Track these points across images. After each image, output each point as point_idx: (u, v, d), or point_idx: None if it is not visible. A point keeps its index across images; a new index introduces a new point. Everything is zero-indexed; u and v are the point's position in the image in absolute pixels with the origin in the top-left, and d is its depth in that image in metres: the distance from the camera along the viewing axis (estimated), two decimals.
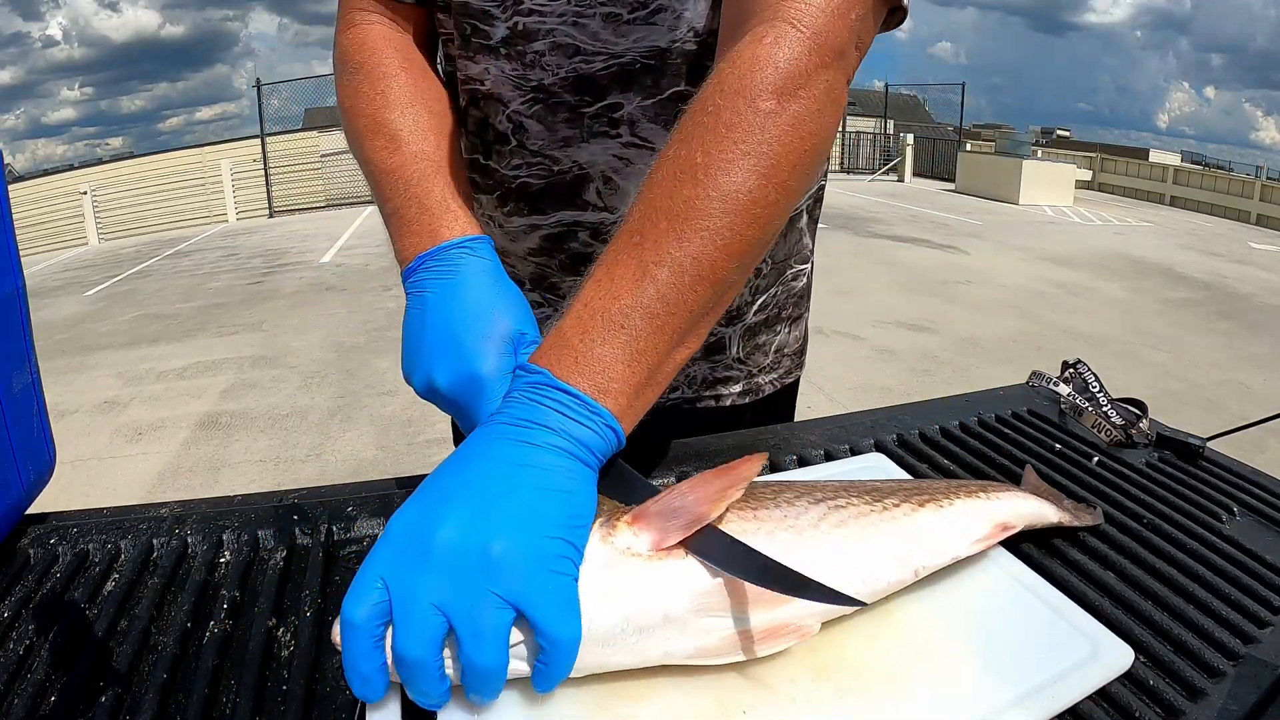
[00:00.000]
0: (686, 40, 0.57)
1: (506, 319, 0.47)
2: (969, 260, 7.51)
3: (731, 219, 0.41)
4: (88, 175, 12.25)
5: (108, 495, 2.99)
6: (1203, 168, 16.43)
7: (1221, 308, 6.27)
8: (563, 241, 0.66)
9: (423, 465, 3.12)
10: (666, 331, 0.40)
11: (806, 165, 0.43)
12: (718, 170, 0.41)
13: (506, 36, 0.59)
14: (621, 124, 0.60)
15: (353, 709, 0.39)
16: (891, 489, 0.47)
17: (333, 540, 0.53)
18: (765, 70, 0.42)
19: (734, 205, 0.41)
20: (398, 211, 0.53)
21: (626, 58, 0.58)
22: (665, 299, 0.40)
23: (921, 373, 4.29)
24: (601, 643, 0.36)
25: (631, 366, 0.39)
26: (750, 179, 0.41)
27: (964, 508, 0.48)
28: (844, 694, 0.38)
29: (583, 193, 0.63)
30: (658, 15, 0.57)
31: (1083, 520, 0.54)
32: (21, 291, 0.54)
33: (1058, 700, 0.38)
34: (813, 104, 0.43)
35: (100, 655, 0.42)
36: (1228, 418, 0.84)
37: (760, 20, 0.44)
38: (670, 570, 0.38)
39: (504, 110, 0.62)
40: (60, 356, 4.84)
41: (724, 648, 0.38)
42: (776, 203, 0.42)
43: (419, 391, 0.48)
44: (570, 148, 0.62)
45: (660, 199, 0.41)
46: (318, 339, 4.94)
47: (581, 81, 0.59)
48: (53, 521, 0.55)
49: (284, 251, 8.65)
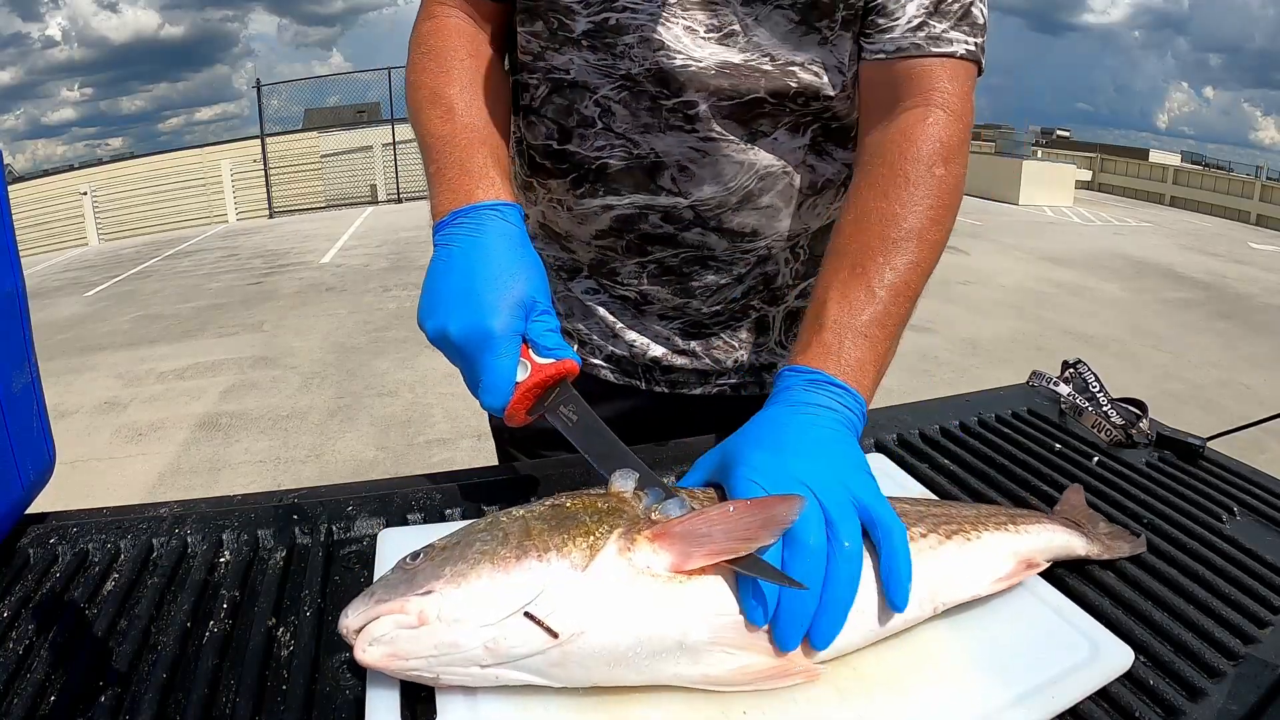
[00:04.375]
0: (763, 63, 0.63)
1: (523, 284, 0.51)
2: (969, 260, 7.51)
3: (921, 251, 0.56)
4: (88, 175, 12.26)
5: (108, 495, 2.99)
6: (1202, 168, 16.44)
7: (1221, 308, 6.28)
8: (635, 223, 0.69)
9: (423, 465, 3.12)
10: (893, 335, 0.54)
11: (957, 207, 0.60)
12: (911, 216, 0.56)
13: (590, 29, 0.63)
14: (697, 120, 0.64)
15: (353, 709, 0.39)
16: (920, 515, 0.46)
17: (333, 540, 0.53)
18: (934, 145, 0.58)
19: (922, 242, 0.56)
20: (440, 172, 0.58)
21: (705, 64, 0.62)
22: (889, 313, 0.54)
23: (921, 373, 4.29)
24: (612, 662, 0.36)
25: (875, 364, 0.53)
26: (930, 224, 0.56)
27: (990, 542, 0.46)
28: (844, 694, 0.38)
29: (658, 178, 0.67)
30: (729, 39, 0.62)
31: (1117, 551, 0.51)
32: (21, 291, 0.53)
33: (1058, 700, 0.38)
34: (962, 168, 0.60)
35: (100, 655, 0.42)
36: (1228, 418, 0.83)
37: (917, 104, 0.59)
38: (690, 597, 0.37)
39: (591, 96, 0.66)
40: (60, 357, 4.84)
41: (732, 678, 0.37)
42: (943, 239, 0.58)
43: (430, 337, 0.51)
44: (650, 134, 0.66)
45: (872, 239, 0.56)
46: (318, 339, 4.94)
47: (662, 75, 0.63)
48: (53, 521, 0.55)
49: (284, 252, 8.65)
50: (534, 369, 0.49)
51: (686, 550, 0.38)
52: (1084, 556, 0.50)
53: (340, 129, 13.49)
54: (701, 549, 0.38)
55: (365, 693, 0.37)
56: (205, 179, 12.46)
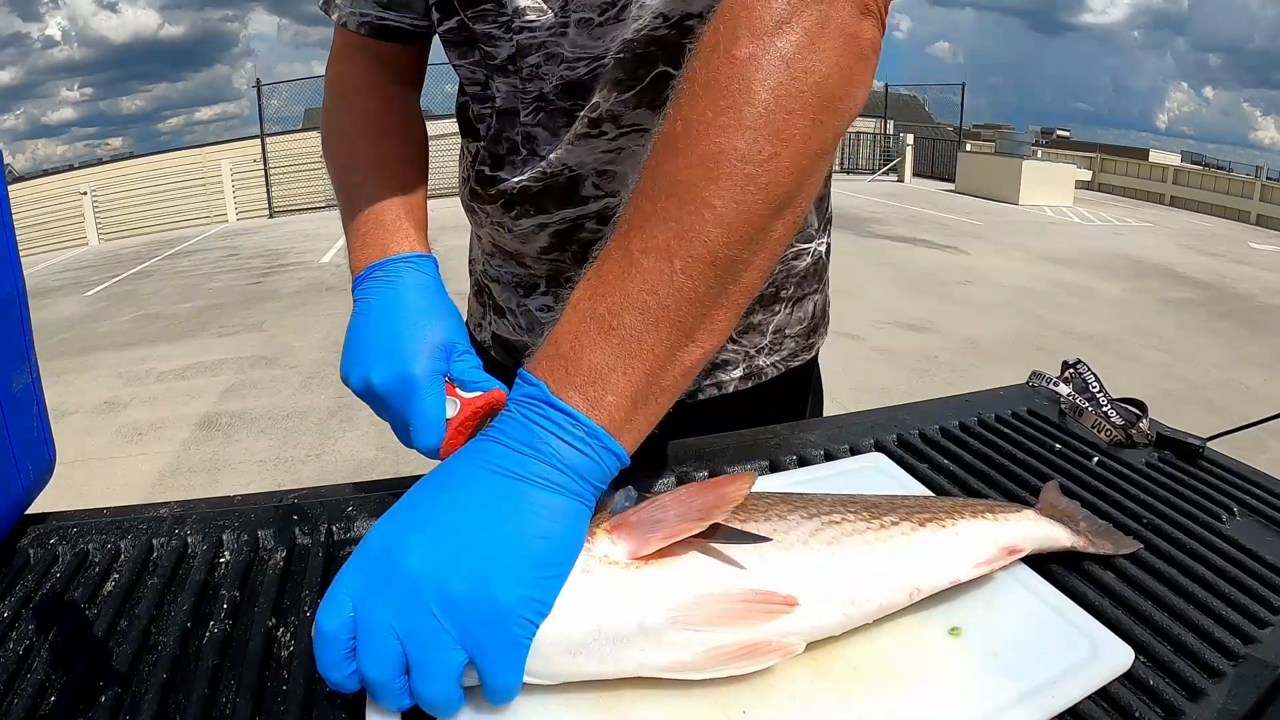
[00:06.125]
0: (658, 27, 0.57)
1: (440, 329, 0.51)
2: (969, 260, 7.51)
3: (721, 186, 0.36)
4: (88, 175, 12.25)
5: (108, 495, 2.99)
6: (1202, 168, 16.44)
7: (1221, 308, 6.27)
8: (572, 234, 0.68)
9: (422, 466, 3.09)
10: (663, 327, 0.36)
11: (811, 109, 0.37)
12: (697, 135, 0.36)
13: (511, 54, 0.62)
14: (603, 121, 0.61)
15: (353, 709, 0.39)
16: (893, 505, 0.46)
17: (333, 540, 0.53)
18: (739, 15, 0.37)
19: (722, 170, 0.36)
20: (356, 226, 0.58)
21: (605, 58, 0.59)
22: (655, 289, 0.36)
23: (921, 373, 4.29)
24: (573, 651, 0.36)
25: (627, 374, 0.36)
26: (736, 137, 0.36)
27: (968, 529, 0.46)
28: (844, 694, 0.38)
29: (579, 189, 0.65)
30: (625, 11, 0.57)
31: (1101, 547, 0.51)
32: (21, 291, 0.53)
33: (1058, 700, 0.38)
34: (802, 37, 0.37)
35: (100, 655, 0.42)
36: (1228, 418, 0.83)
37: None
38: (646, 580, 0.37)
39: (516, 122, 0.64)
40: (60, 356, 4.84)
41: (700, 663, 0.36)
42: (777, 156, 0.36)
43: (355, 390, 0.51)
44: (559, 149, 0.63)
45: (644, 181, 0.38)
46: (318, 339, 4.94)
47: (569, 87, 0.61)
48: (53, 521, 0.55)
49: (284, 251, 8.65)
50: (463, 404, 0.49)
51: (643, 537, 0.38)
52: (1069, 548, 0.50)
53: None
54: (657, 533, 0.38)
55: (365, 693, 0.37)
56: (205, 179, 12.46)
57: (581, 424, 0.36)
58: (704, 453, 0.63)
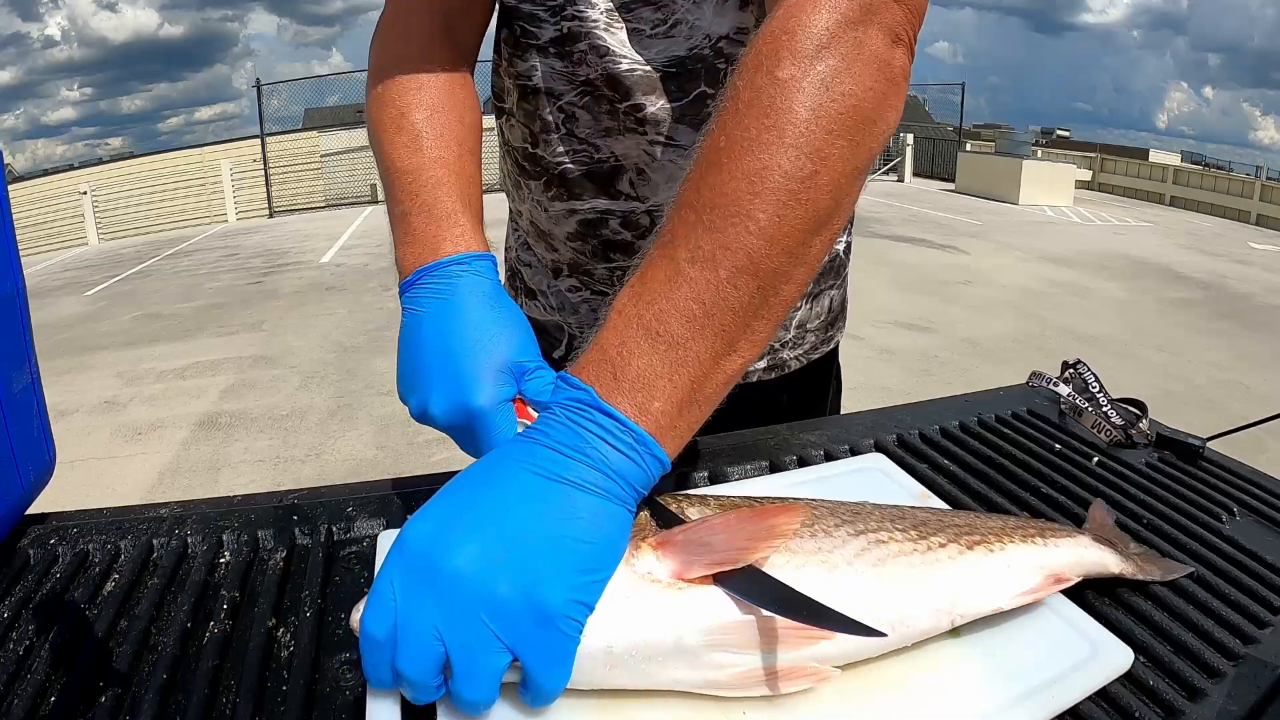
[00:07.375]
0: (703, 48, 0.62)
1: (505, 347, 0.46)
2: (969, 260, 7.51)
3: (764, 200, 0.37)
4: (88, 175, 12.25)
5: (108, 495, 2.99)
6: (1202, 168, 16.44)
7: (1221, 308, 6.27)
8: (595, 228, 0.69)
9: (423, 465, 3.12)
10: (708, 335, 0.37)
11: (848, 130, 0.39)
12: (741, 150, 0.38)
13: (556, 37, 0.63)
14: (647, 123, 0.64)
15: (353, 709, 0.39)
16: (941, 524, 0.44)
17: (333, 540, 0.53)
18: (781, 39, 0.39)
19: (766, 185, 0.37)
20: (405, 216, 0.52)
21: (651, 65, 0.62)
22: (701, 298, 0.37)
23: (921, 373, 4.28)
24: (608, 664, 0.35)
25: (674, 380, 0.36)
26: (780, 154, 0.37)
27: (1017, 555, 0.44)
28: (844, 694, 0.38)
29: (617, 182, 0.67)
30: (675, 29, 0.61)
31: (1149, 573, 0.48)
32: (21, 291, 0.53)
33: (1058, 700, 0.38)
34: (840, 62, 0.39)
35: (100, 655, 0.42)
36: (1228, 418, 0.83)
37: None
38: (688, 601, 0.37)
39: (555, 102, 0.65)
40: (60, 356, 4.83)
41: (735, 683, 0.36)
42: (816, 174, 0.38)
43: (414, 415, 0.47)
44: (610, 138, 0.65)
45: (687, 193, 0.39)
46: (318, 339, 4.94)
47: (612, 80, 0.63)
48: (53, 522, 0.55)
49: (284, 251, 8.64)
50: None
51: (688, 559, 0.37)
52: (1117, 574, 0.47)
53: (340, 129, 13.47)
54: (702, 558, 0.37)
55: (365, 693, 0.37)
56: (205, 179, 12.45)
57: (630, 430, 0.36)
58: (704, 453, 0.63)
